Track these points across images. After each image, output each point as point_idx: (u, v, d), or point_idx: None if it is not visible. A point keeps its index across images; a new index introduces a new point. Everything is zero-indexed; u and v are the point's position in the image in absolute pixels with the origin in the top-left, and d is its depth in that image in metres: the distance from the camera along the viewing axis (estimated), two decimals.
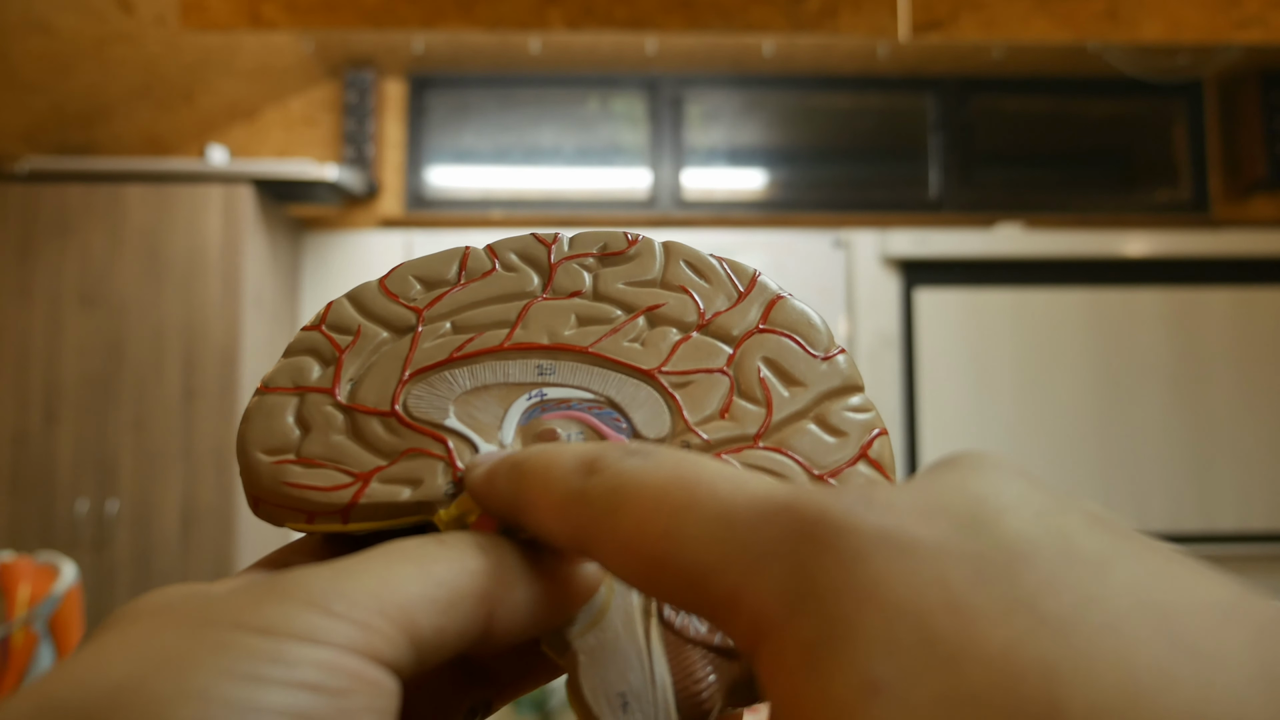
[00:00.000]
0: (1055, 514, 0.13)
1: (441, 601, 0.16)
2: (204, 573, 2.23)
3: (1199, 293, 2.74)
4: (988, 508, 0.13)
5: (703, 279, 0.24)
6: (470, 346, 0.22)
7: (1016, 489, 0.13)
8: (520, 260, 0.24)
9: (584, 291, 0.23)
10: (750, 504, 0.14)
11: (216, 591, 0.16)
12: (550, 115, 2.84)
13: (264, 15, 1.95)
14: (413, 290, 0.23)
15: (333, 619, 0.14)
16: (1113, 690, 0.10)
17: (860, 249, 2.77)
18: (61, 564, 1.18)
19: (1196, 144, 2.88)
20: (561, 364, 0.22)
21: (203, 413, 2.27)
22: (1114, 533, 0.13)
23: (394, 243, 2.73)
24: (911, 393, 2.73)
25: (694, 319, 0.23)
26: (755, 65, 2.78)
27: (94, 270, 2.30)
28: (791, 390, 0.22)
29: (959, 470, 0.14)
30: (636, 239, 0.24)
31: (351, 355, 0.22)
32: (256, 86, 2.65)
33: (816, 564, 0.13)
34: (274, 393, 0.22)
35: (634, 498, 0.15)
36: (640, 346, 0.23)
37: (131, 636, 0.15)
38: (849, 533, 0.13)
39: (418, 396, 0.22)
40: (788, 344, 0.23)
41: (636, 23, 2.00)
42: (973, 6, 2.03)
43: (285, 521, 0.21)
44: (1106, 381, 2.71)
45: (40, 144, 2.47)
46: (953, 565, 0.12)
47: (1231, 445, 2.69)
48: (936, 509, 0.13)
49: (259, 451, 0.21)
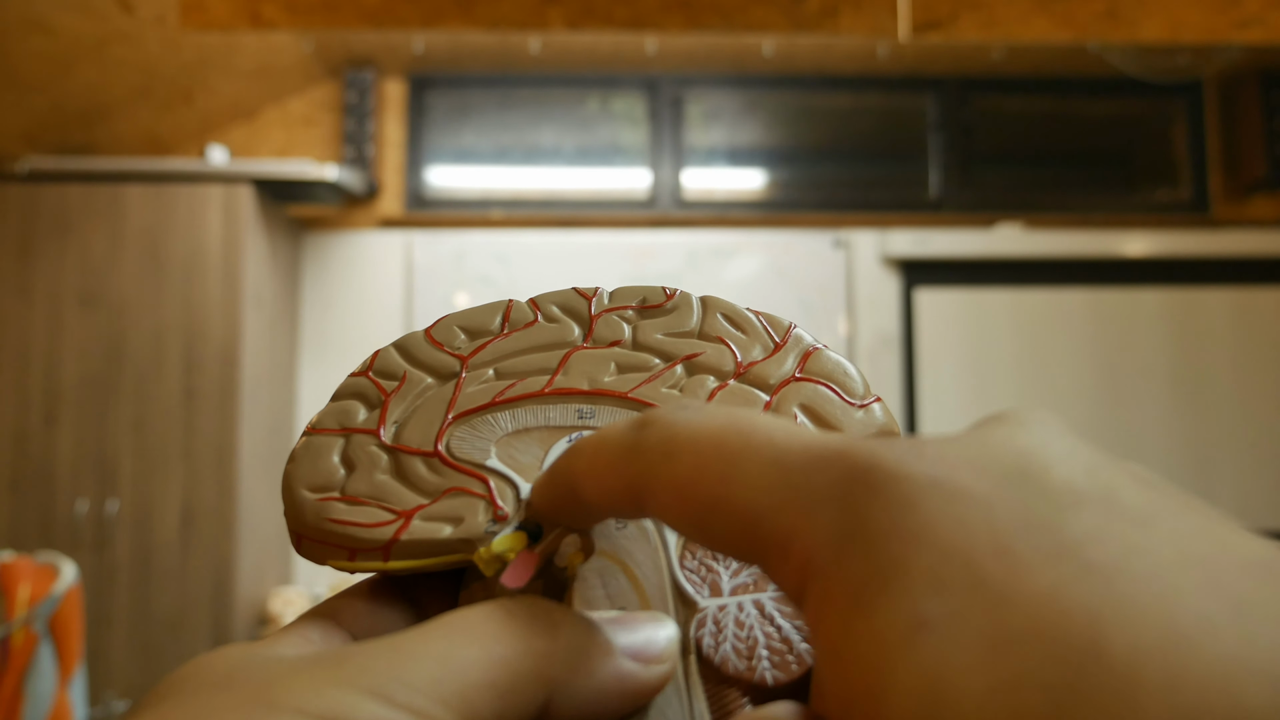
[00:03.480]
0: (1101, 469, 0.13)
1: (502, 685, 0.16)
2: (204, 572, 2.23)
3: (1199, 293, 2.74)
4: (1035, 460, 0.13)
5: (739, 330, 0.24)
6: (512, 391, 0.23)
7: (1064, 445, 0.14)
8: (562, 312, 0.24)
9: (624, 341, 0.24)
10: (805, 450, 0.14)
11: (277, 666, 0.16)
12: (550, 115, 2.84)
13: (264, 15, 1.95)
14: (458, 340, 0.24)
15: (394, 709, 0.14)
16: (1155, 634, 0.10)
17: (860, 249, 2.77)
18: (61, 564, 1.18)
19: (1196, 144, 2.88)
20: (601, 409, 0.23)
21: (203, 413, 2.27)
22: (1158, 490, 0.13)
23: (394, 242, 2.73)
24: (911, 393, 2.73)
25: (731, 368, 0.24)
26: (755, 65, 2.78)
27: (94, 270, 2.30)
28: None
29: (1008, 425, 0.14)
30: (674, 293, 0.25)
31: (397, 399, 0.23)
32: (256, 86, 2.65)
33: (868, 507, 0.13)
34: (320, 434, 0.23)
35: (688, 444, 0.15)
36: (679, 394, 0.23)
37: (193, 712, 0.15)
38: (901, 479, 0.13)
39: (460, 438, 0.22)
40: (824, 392, 0.23)
41: (636, 23, 2.00)
42: (973, 6, 2.03)
43: (328, 559, 0.21)
44: (1106, 381, 2.71)
45: (40, 144, 2.47)
46: (1001, 512, 0.12)
47: (1231, 445, 2.69)
48: (986, 460, 0.13)
49: (304, 489, 0.22)
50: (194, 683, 0.16)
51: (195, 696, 0.15)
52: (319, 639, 0.19)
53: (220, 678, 0.16)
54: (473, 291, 2.68)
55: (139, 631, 2.21)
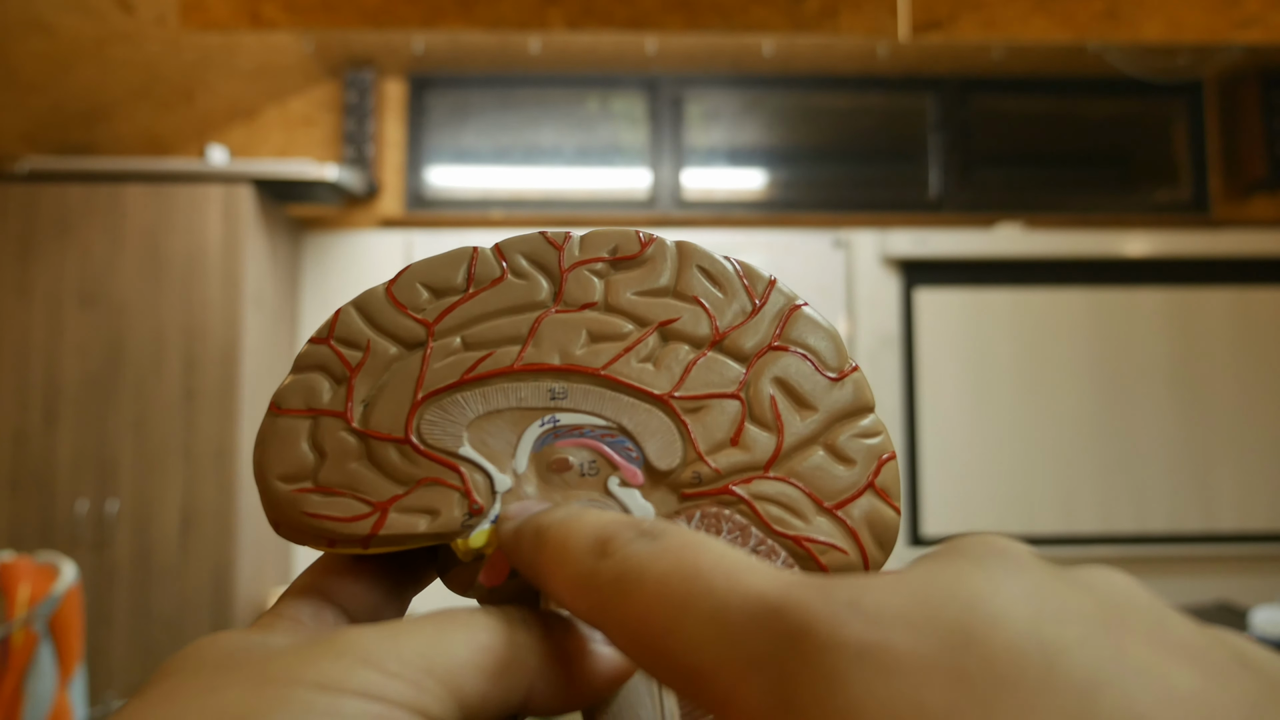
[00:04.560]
0: (1052, 622, 0.12)
1: (488, 669, 0.17)
2: (204, 572, 2.23)
3: (1199, 293, 2.74)
4: (980, 616, 0.12)
5: (717, 287, 0.24)
6: (482, 367, 0.22)
7: (1017, 588, 0.13)
8: (530, 265, 0.23)
9: (596, 303, 0.23)
10: (743, 605, 0.14)
11: (273, 645, 0.17)
12: (550, 115, 2.84)
13: (264, 15, 1.95)
14: (421, 299, 0.23)
15: (387, 676, 0.15)
16: None
17: (860, 249, 2.77)
18: (61, 564, 1.18)
19: (1196, 144, 2.88)
20: (574, 387, 0.22)
21: (203, 413, 2.27)
22: (1120, 634, 0.12)
23: (394, 242, 2.73)
24: (911, 393, 2.73)
25: (707, 333, 0.23)
26: (755, 65, 2.78)
27: (94, 270, 2.30)
28: (802, 414, 0.22)
29: (959, 562, 0.14)
30: (650, 240, 0.24)
31: (362, 375, 0.22)
32: (256, 86, 2.65)
33: (799, 679, 0.13)
34: (287, 415, 0.22)
35: (637, 588, 0.15)
36: (652, 368, 0.23)
37: (197, 690, 0.15)
38: (832, 649, 0.13)
39: (431, 422, 0.22)
40: (800, 363, 0.23)
41: (636, 23, 2.00)
42: (973, 6, 2.03)
43: (307, 544, 0.21)
44: (1106, 381, 2.71)
45: (40, 144, 2.47)
46: (932, 689, 0.12)
47: (1231, 445, 2.69)
48: (926, 618, 0.13)
49: (277, 479, 0.22)
50: (194, 663, 0.16)
51: (196, 676, 0.16)
52: (309, 619, 0.19)
53: (220, 658, 0.16)
54: None
55: (139, 631, 2.21)
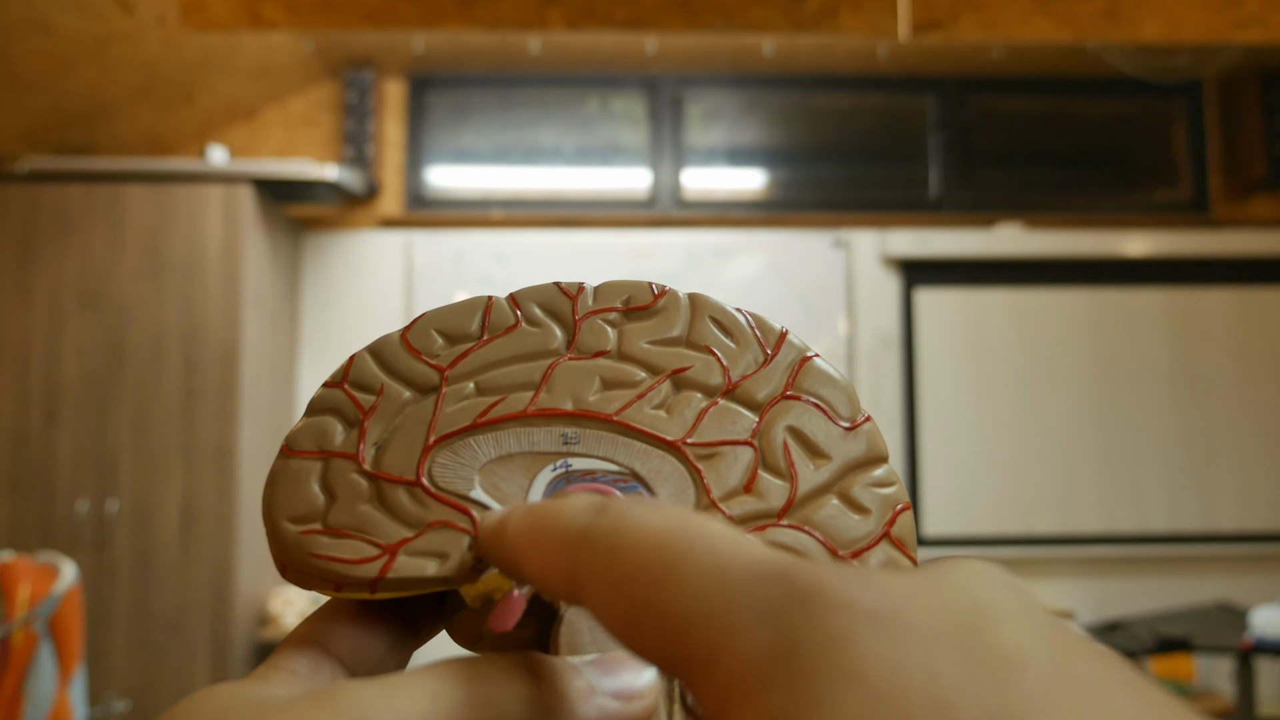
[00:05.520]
0: (1053, 635, 0.12)
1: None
2: (204, 572, 2.23)
3: (1199, 293, 2.74)
4: (988, 614, 0.12)
5: (729, 337, 0.23)
6: (495, 411, 0.22)
7: (1018, 603, 0.13)
8: (544, 314, 0.23)
9: (609, 351, 0.23)
10: (747, 564, 0.14)
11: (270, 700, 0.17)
12: (550, 115, 2.84)
13: (264, 15, 1.95)
14: (435, 345, 0.23)
15: None
16: None
17: (860, 249, 2.77)
18: (61, 564, 1.18)
19: (1196, 144, 2.88)
20: (586, 432, 0.22)
21: (203, 413, 2.27)
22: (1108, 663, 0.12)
23: (394, 242, 2.73)
24: (911, 393, 2.73)
25: (719, 382, 0.23)
26: (755, 65, 2.78)
27: (94, 270, 2.30)
28: (816, 463, 0.22)
29: (963, 573, 0.14)
30: (662, 292, 0.24)
31: (375, 418, 0.22)
32: (256, 86, 2.65)
33: (801, 633, 0.12)
34: (298, 456, 0.22)
35: (633, 540, 0.15)
36: (665, 415, 0.22)
37: None
38: (841, 608, 0.12)
39: (442, 465, 0.22)
40: (813, 412, 0.23)
41: (636, 23, 2.00)
42: (973, 6, 2.03)
43: (313, 588, 0.21)
44: (1106, 381, 2.71)
45: (40, 144, 2.47)
46: (945, 659, 0.11)
47: (1231, 445, 2.69)
48: (936, 602, 0.12)
49: (285, 520, 0.21)
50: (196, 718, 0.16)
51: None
52: (306, 672, 0.19)
53: (217, 714, 0.16)
54: (473, 291, 2.67)
55: (139, 631, 2.21)
